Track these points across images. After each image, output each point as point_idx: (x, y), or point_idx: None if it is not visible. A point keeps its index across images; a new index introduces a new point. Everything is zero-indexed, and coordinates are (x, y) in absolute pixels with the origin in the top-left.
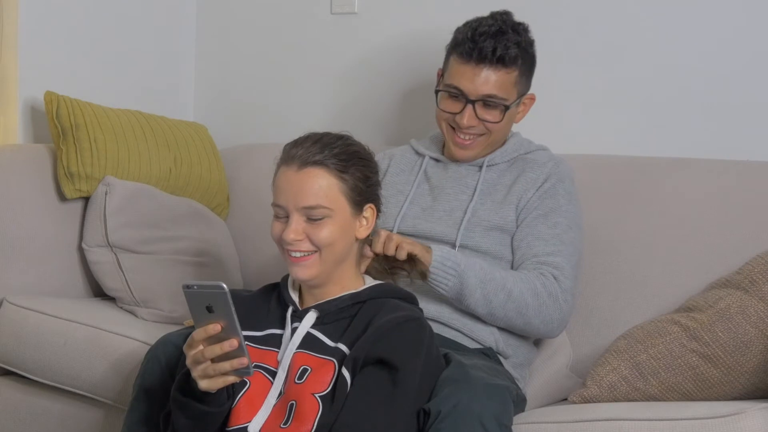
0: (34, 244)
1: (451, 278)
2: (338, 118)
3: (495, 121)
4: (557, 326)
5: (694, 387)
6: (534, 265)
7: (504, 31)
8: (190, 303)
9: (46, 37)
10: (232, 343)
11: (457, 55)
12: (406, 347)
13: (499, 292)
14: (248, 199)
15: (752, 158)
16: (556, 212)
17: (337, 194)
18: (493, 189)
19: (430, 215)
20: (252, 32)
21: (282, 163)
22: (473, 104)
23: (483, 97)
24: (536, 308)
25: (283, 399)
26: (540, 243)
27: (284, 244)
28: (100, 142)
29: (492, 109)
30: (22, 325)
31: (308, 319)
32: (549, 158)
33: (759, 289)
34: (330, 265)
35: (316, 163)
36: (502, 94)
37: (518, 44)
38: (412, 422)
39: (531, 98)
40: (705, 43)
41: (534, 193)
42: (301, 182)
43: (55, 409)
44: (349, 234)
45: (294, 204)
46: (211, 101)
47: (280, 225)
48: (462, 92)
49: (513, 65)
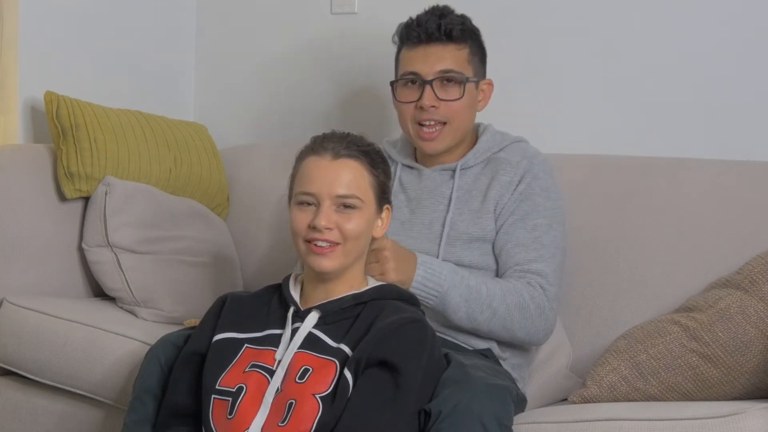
0: (34, 244)
1: (433, 298)
2: (338, 118)
3: (455, 98)
4: (543, 336)
5: (694, 387)
6: (518, 273)
7: (446, 14)
8: None
9: (46, 37)
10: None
11: (405, 46)
12: (409, 349)
13: (485, 310)
14: (248, 199)
15: (752, 158)
16: (534, 213)
17: (367, 187)
18: (468, 196)
19: (410, 229)
20: (252, 32)
21: (311, 153)
22: (431, 84)
23: (439, 74)
24: (521, 322)
25: (281, 397)
26: (520, 250)
27: (312, 233)
28: (100, 142)
29: (450, 86)
30: (22, 325)
31: (311, 318)
32: (522, 155)
33: (759, 289)
34: (352, 258)
35: (351, 156)
36: (457, 68)
37: (463, 24)
38: (413, 423)
39: (489, 83)
40: (705, 43)
41: (510, 197)
42: (337, 171)
43: (55, 409)
44: (370, 229)
45: (328, 191)
46: (211, 101)
47: (306, 215)
48: (418, 75)
49: (462, 42)
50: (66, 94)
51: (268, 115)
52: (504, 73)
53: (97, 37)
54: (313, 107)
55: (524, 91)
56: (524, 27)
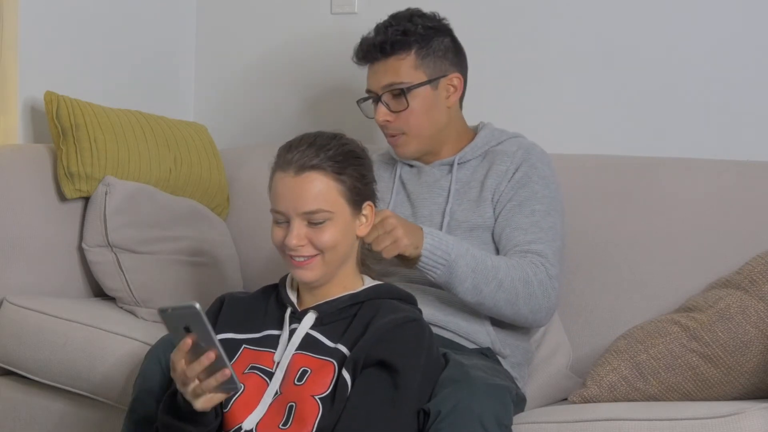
0: (34, 244)
1: (441, 267)
2: (338, 118)
3: (402, 109)
4: (545, 315)
5: (694, 387)
6: (519, 254)
7: (388, 25)
8: (168, 326)
9: (46, 37)
10: (210, 356)
11: (363, 64)
12: (407, 349)
13: (491, 281)
14: (248, 199)
15: (752, 158)
16: (532, 200)
17: (336, 196)
18: (467, 187)
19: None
20: (252, 32)
21: (277, 168)
22: (380, 99)
23: (384, 88)
24: (526, 297)
25: (281, 400)
26: (519, 233)
27: (287, 250)
28: (100, 142)
29: (397, 98)
30: (22, 325)
31: (308, 319)
32: (518, 146)
33: (759, 289)
34: (333, 265)
35: (313, 168)
36: (399, 79)
37: (404, 31)
38: (412, 423)
39: (456, 77)
40: (705, 44)
41: (507, 185)
42: (300, 187)
43: (55, 409)
44: (350, 234)
45: (294, 210)
46: (211, 101)
47: (281, 231)
48: (371, 92)
49: (402, 50)
50: (66, 94)
51: (268, 115)
52: (504, 73)
53: (97, 37)
54: (312, 107)
55: (524, 92)
56: (525, 27)
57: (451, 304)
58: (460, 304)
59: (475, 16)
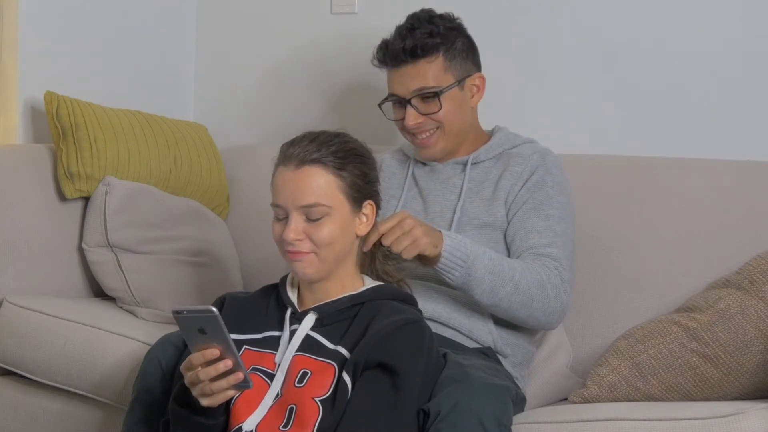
0: (34, 244)
1: (459, 269)
2: (338, 118)
3: (435, 111)
4: (557, 318)
5: (694, 387)
6: (532, 256)
7: (414, 27)
8: (182, 327)
9: (46, 37)
10: (227, 363)
11: (385, 68)
12: (407, 351)
13: (507, 283)
14: (248, 199)
15: (752, 158)
16: (547, 204)
17: (335, 192)
18: (480, 186)
19: (422, 219)
20: (252, 32)
21: (279, 163)
22: (410, 103)
23: (414, 93)
24: (540, 301)
25: (281, 401)
26: (534, 235)
27: (285, 245)
28: (100, 142)
29: (429, 102)
30: (22, 325)
31: (308, 321)
32: (534, 150)
33: (759, 289)
34: (331, 263)
35: (314, 162)
36: (430, 84)
37: (431, 33)
38: (413, 425)
39: (479, 77)
40: (705, 43)
41: (522, 187)
42: (299, 181)
43: (55, 409)
44: (349, 232)
45: (293, 203)
46: (211, 101)
47: (280, 226)
48: (398, 97)
49: (431, 53)
50: (66, 94)
51: (268, 115)
52: (505, 73)
53: (97, 37)
54: (313, 107)
55: (525, 92)
56: (525, 27)
57: (455, 301)
58: (464, 301)
59: (475, 17)
